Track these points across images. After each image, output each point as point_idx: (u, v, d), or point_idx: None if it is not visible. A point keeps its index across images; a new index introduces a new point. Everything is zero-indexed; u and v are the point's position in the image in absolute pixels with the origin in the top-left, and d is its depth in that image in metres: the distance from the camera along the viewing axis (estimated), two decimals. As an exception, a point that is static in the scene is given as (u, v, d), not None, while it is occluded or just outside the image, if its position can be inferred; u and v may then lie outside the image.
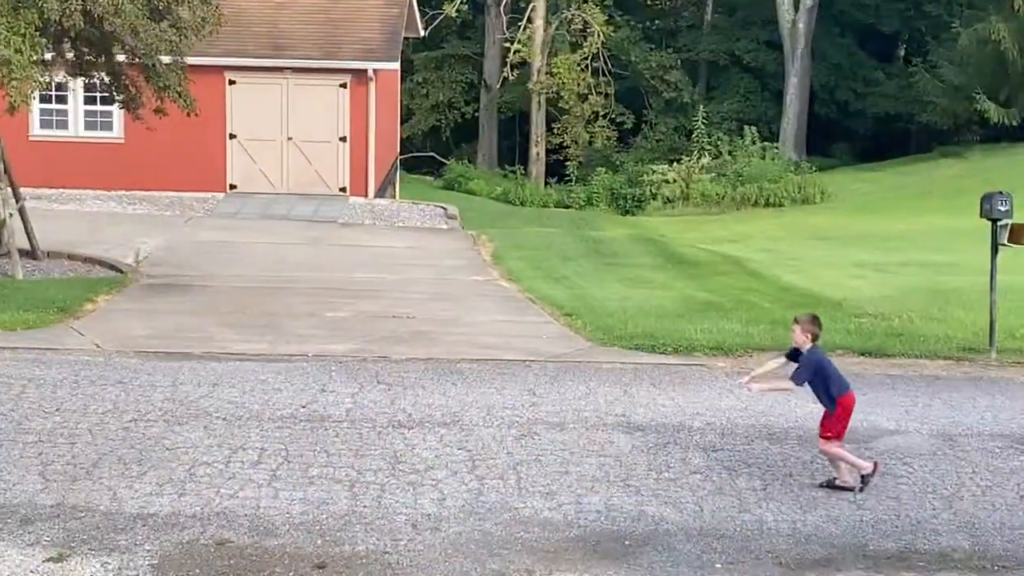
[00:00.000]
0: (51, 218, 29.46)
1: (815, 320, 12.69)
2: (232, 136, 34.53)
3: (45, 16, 20.88)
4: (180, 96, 23.81)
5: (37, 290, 21.00)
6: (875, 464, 12.78)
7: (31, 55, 20.66)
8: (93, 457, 12.83)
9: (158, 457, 12.90)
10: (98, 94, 30.61)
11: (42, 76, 21.69)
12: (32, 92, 21.46)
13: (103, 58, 24.35)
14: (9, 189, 25.22)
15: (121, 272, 24.40)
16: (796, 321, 12.72)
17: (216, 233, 29.66)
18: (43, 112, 33.94)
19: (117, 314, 19.57)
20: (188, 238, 28.89)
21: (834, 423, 12.59)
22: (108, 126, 34.30)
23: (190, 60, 24.59)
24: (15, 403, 14.41)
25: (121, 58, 24.29)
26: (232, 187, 34.66)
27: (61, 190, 33.72)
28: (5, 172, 25.04)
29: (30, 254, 25.54)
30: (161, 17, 23.05)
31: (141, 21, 22.03)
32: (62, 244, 26.87)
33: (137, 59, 23.34)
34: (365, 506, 11.87)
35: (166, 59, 23.44)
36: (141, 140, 31.65)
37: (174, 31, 23.35)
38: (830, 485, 12.68)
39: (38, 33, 21.04)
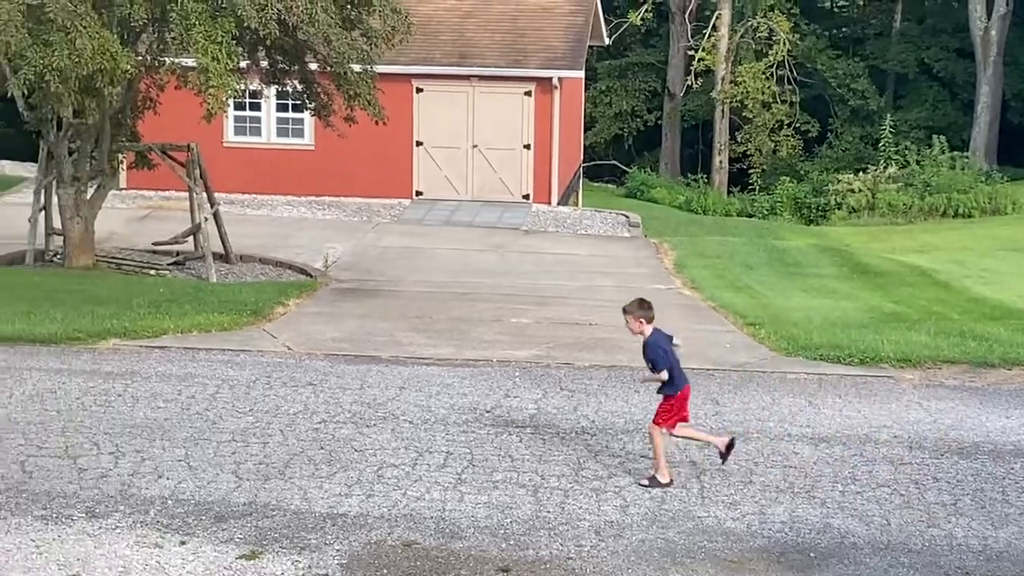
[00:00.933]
0: (243, 222, 30.13)
1: (643, 304, 12.66)
2: (419, 143, 34.94)
3: (244, 24, 21.39)
4: (369, 104, 24.19)
5: (230, 293, 21.50)
6: (671, 481, 12.69)
7: (227, 63, 21.17)
8: (284, 457, 13.13)
9: (347, 458, 13.15)
10: (290, 102, 31.24)
11: (237, 84, 22.21)
12: (227, 99, 21.99)
13: (296, 66, 24.88)
14: (204, 194, 25.91)
15: (311, 276, 24.89)
16: (625, 311, 12.70)
17: (402, 239, 30.05)
18: (237, 119, 34.72)
19: (307, 317, 19.97)
20: (375, 243, 29.33)
21: (668, 412, 12.62)
22: (299, 133, 34.96)
23: (379, 68, 24.99)
24: (210, 403, 14.79)
25: (313, 66, 24.80)
26: (418, 193, 35.08)
27: (253, 195, 34.44)
28: (201, 177, 25.72)
29: (223, 258, 26.20)
30: (352, 26, 23.47)
31: (333, 30, 22.45)
32: (254, 248, 27.51)
33: (329, 67, 23.79)
34: (549, 511, 11.96)
35: (356, 67, 23.85)
36: (331, 147, 32.19)
37: (365, 40, 23.77)
38: (652, 483, 12.67)
39: (234, 42, 21.56)
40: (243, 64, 23.31)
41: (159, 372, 15.99)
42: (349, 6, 23.37)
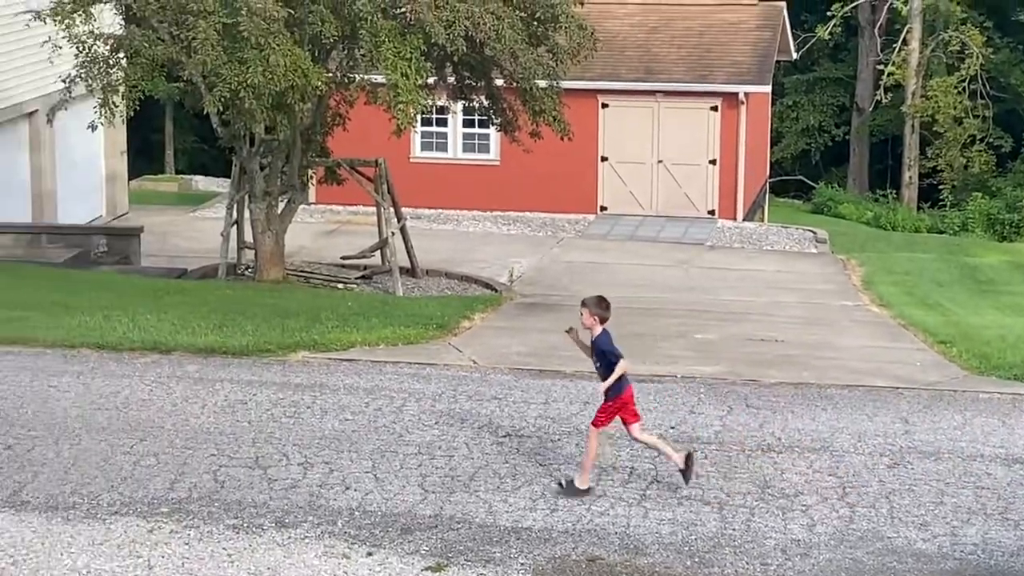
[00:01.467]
0: (429, 237, 30.45)
1: (601, 302, 12.64)
2: (603, 159, 34.96)
3: (432, 41, 21.62)
4: (555, 120, 24.27)
5: (416, 307, 21.71)
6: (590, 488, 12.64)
7: (416, 79, 21.43)
8: (470, 470, 13.22)
9: (532, 472, 13.19)
10: (476, 117, 31.49)
11: (425, 99, 22.46)
12: (416, 115, 22.26)
13: (482, 82, 25.07)
14: (392, 209, 26.24)
15: (495, 291, 25.05)
16: (584, 304, 12.65)
17: (586, 254, 30.10)
18: (424, 135, 35.07)
19: (492, 331, 20.08)
20: (559, 258, 29.44)
21: (608, 412, 12.61)
22: (485, 148, 35.21)
23: (565, 84, 25.06)
24: (396, 415, 14.95)
25: (499, 82, 24.96)
26: (602, 209, 35.10)
27: (439, 210, 34.77)
28: (388, 192, 26.06)
29: (410, 272, 26.51)
30: (539, 42, 23.57)
31: (520, 46, 22.57)
32: (439, 262, 27.80)
33: (515, 83, 23.92)
34: (734, 529, 11.88)
35: (542, 83, 23.94)
36: (515, 162, 32.38)
37: (550, 56, 23.84)
38: (563, 487, 12.62)
39: (423, 58, 21.82)
40: (431, 80, 23.55)
41: (347, 384, 16.21)
42: (535, 23, 23.49)
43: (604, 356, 12.53)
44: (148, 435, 14.11)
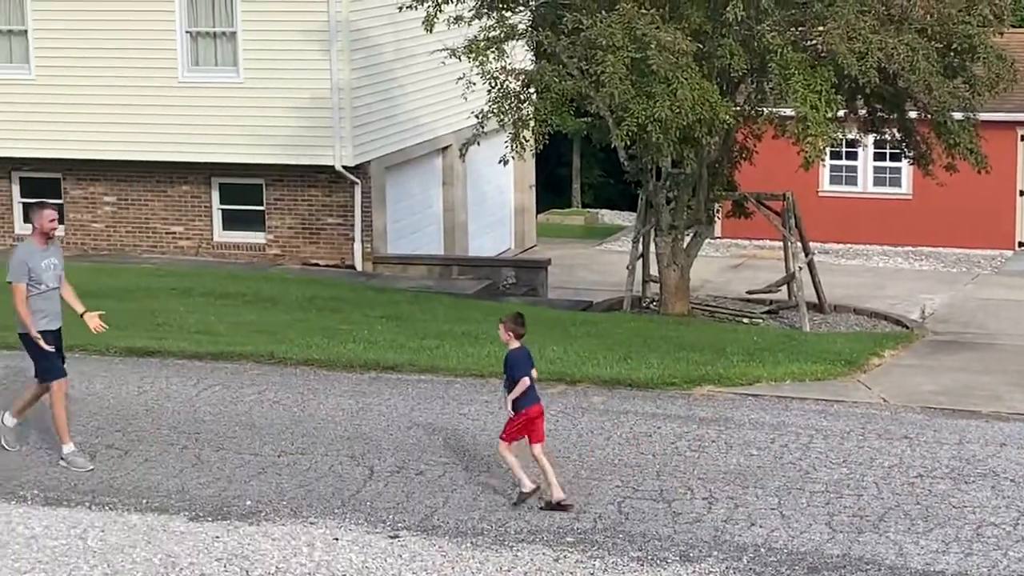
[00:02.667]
0: (837, 272, 30.02)
1: (517, 318, 13.13)
2: (1022, 193, 33.70)
3: (843, 73, 21.27)
4: (971, 153, 23.55)
5: (824, 342, 21.32)
6: (536, 487, 12.91)
7: (826, 112, 21.11)
8: (879, 510, 12.84)
9: (944, 515, 12.73)
10: (887, 150, 30.85)
11: (835, 132, 22.11)
12: (825, 148, 21.93)
13: (895, 114, 24.54)
14: (799, 243, 25.92)
15: (906, 327, 24.43)
16: (501, 320, 13.15)
17: (1003, 291, 29.11)
18: (833, 168, 34.57)
19: (902, 369, 19.52)
20: (973, 295, 28.58)
21: (514, 426, 12.88)
22: (896, 182, 34.44)
23: (981, 115, 24.27)
24: (803, 452, 14.66)
25: (912, 114, 24.39)
26: (1020, 244, 33.83)
27: (847, 245, 34.20)
28: (796, 226, 25.75)
29: (817, 307, 26.12)
30: (955, 73, 22.92)
31: (935, 78, 21.94)
32: (847, 298, 27.33)
33: (928, 115, 23.34)
34: None
35: (957, 115, 23.27)
36: (928, 196, 31.56)
37: (966, 87, 23.14)
38: (519, 498, 12.96)
39: (833, 90, 21.48)
40: (841, 113, 23.18)
41: (752, 420, 16.00)
42: (951, 54, 22.83)
43: (510, 370, 12.91)
44: (554, 465, 14.23)
